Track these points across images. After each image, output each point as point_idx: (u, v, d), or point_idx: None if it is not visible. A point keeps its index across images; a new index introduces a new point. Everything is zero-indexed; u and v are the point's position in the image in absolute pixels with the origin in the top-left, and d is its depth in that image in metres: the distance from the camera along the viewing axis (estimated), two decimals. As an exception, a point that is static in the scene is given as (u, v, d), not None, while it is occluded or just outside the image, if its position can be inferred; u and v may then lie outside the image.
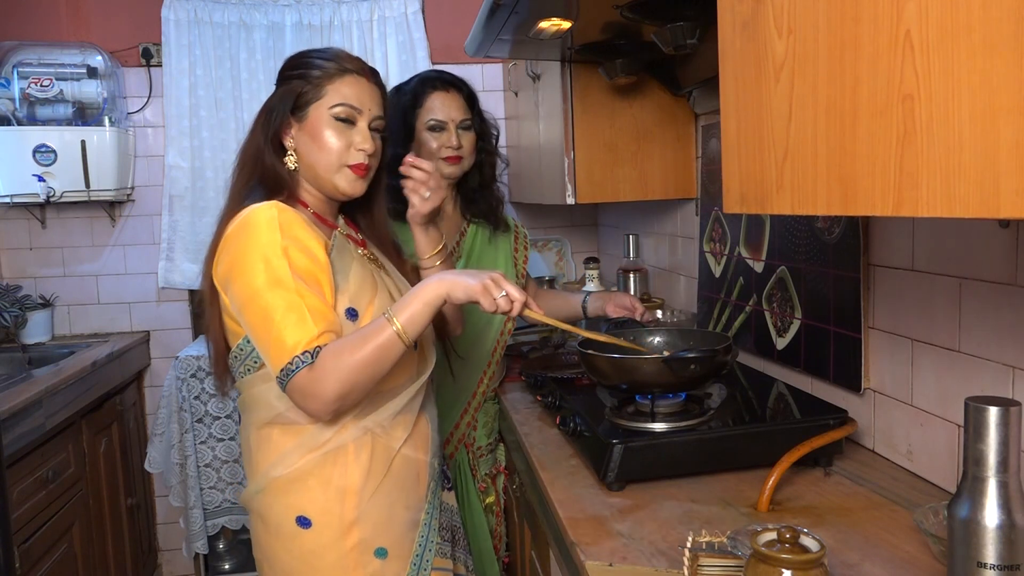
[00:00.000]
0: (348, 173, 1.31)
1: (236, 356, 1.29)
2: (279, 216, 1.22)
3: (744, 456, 1.33)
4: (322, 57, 1.33)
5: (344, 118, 1.29)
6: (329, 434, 1.27)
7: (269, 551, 1.31)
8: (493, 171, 1.95)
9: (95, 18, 2.97)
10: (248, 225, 1.22)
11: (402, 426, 1.33)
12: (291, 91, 1.31)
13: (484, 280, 1.19)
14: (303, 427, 1.27)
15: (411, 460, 1.35)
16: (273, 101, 1.33)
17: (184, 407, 2.74)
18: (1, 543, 1.60)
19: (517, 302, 1.20)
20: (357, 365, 1.15)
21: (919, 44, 0.64)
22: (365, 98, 1.32)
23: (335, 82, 1.30)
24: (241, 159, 1.36)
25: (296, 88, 1.30)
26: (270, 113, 1.32)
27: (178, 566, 3.12)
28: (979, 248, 1.13)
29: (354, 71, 1.32)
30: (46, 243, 3.02)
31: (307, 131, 1.30)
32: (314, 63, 1.32)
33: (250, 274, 1.19)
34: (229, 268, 1.22)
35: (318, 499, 1.27)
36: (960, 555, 0.84)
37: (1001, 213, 0.58)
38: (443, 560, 1.40)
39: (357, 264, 1.32)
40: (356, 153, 1.30)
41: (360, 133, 1.31)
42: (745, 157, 0.93)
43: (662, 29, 1.51)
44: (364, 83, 1.33)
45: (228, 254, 1.23)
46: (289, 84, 1.32)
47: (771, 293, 1.72)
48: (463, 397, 1.88)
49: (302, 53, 1.37)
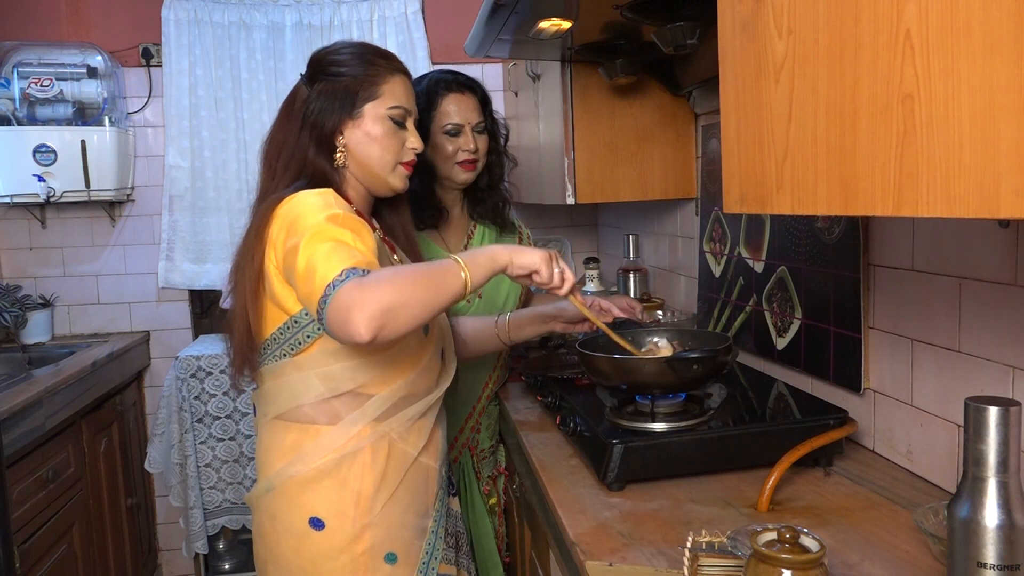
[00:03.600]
0: (401, 171, 1.37)
1: (275, 339, 1.28)
2: (333, 194, 1.24)
3: (744, 456, 1.33)
4: (368, 53, 1.34)
5: (398, 119, 1.35)
6: (347, 436, 1.27)
7: (276, 551, 1.31)
8: (502, 172, 1.95)
9: (95, 18, 2.97)
10: (303, 197, 1.22)
11: (419, 434, 1.34)
12: (345, 89, 1.31)
13: (545, 255, 1.22)
14: (320, 427, 1.28)
15: (424, 467, 1.36)
16: (318, 98, 1.32)
17: (184, 407, 2.74)
18: (1, 543, 1.60)
19: (568, 282, 1.26)
20: (413, 279, 1.08)
21: (919, 44, 0.64)
22: (411, 99, 1.38)
23: (388, 82, 1.34)
24: (280, 157, 1.34)
25: (350, 86, 1.31)
26: (319, 111, 1.31)
27: (178, 566, 3.12)
28: (979, 248, 1.13)
29: (400, 71, 1.37)
30: (46, 243, 3.02)
31: (363, 129, 1.32)
32: (366, 60, 1.33)
33: (311, 218, 1.17)
34: (285, 226, 1.20)
35: (333, 501, 1.27)
36: (960, 555, 0.84)
37: (1001, 213, 0.58)
38: (448, 567, 1.40)
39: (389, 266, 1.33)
40: (408, 151, 1.37)
41: (412, 133, 1.37)
42: (745, 157, 0.93)
43: (662, 29, 1.51)
44: (407, 82, 1.38)
45: (283, 219, 1.21)
46: (338, 81, 1.31)
47: (771, 293, 1.72)
48: (469, 401, 1.88)
49: (339, 48, 1.36)
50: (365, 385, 1.28)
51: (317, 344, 1.26)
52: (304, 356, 1.26)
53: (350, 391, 1.27)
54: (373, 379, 1.28)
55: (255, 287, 1.26)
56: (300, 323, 1.25)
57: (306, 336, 1.25)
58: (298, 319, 1.25)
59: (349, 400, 1.28)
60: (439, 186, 1.86)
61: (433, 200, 1.86)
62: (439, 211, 1.86)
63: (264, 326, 1.28)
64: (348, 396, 1.27)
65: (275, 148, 1.35)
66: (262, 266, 1.25)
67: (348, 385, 1.27)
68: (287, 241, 1.18)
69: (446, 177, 1.84)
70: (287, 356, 1.27)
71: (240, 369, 1.31)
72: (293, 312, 1.24)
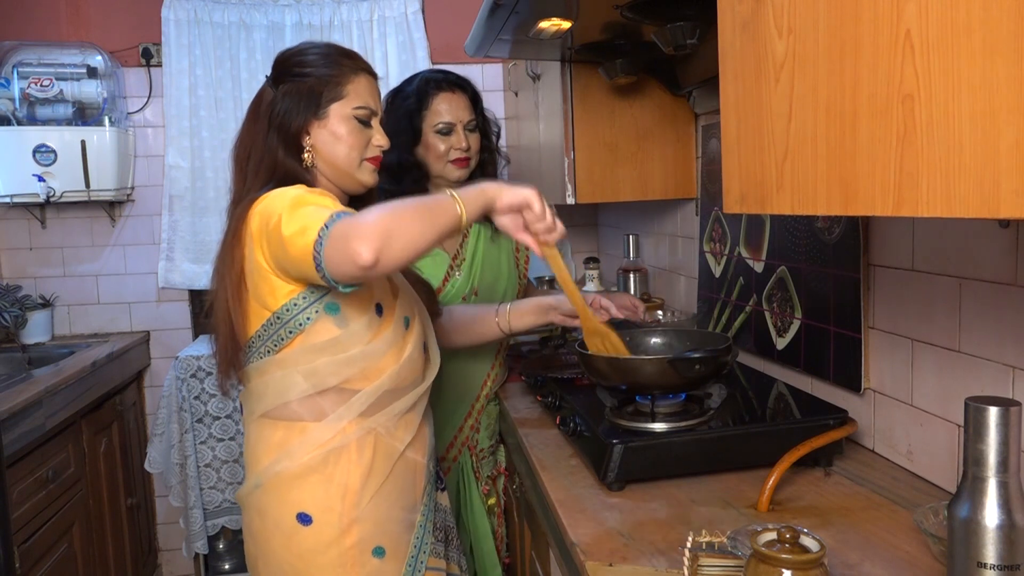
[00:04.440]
0: (368, 166, 1.38)
1: (259, 336, 1.28)
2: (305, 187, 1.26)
3: (744, 456, 1.33)
4: (332, 54, 1.35)
5: (363, 119, 1.36)
6: (333, 432, 1.27)
7: (266, 547, 1.31)
8: (495, 169, 1.95)
9: (95, 18, 2.97)
10: (275, 193, 1.24)
11: (406, 428, 1.35)
12: (309, 90, 1.32)
13: (535, 190, 1.22)
14: (307, 424, 1.28)
15: (411, 462, 1.36)
16: (284, 99, 1.33)
17: (184, 407, 2.74)
18: (1, 543, 1.60)
19: (558, 230, 1.26)
20: (408, 209, 1.10)
21: (919, 44, 0.64)
22: (376, 98, 1.39)
23: (353, 82, 1.34)
24: (250, 159, 1.35)
25: (315, 87, 1.32)
26: (285, 112, 1.32)
27: (178, 566, 3.12)
28: (979, 248, 1.13)
29: (364, 70, 1.37)
30: (46, 243, 3.02)
31: (328, 129, 1.33)
32: (331, 61, 1.34)
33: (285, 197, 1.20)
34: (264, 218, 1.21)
35: (320, 496, 1.27)
36: (960, 555, 0.84)
37: (1001, 213, 0.58)
38: (437, 560, 1.41)
39: None
40: (373, 148, 1.38)
41: (378, 131, 1.38)
42: (745, 157, 0.93)
43: (662, 29, 1.51)
44: (372, 82, 1.39)
45: (261, 215, 1.23)
46: (303, 82, 1.32)
47: (771, 293, 1.72)
48: (467, 399, 1.88)
49: (304, 49, 1.37)
50: (349, 380, 1.28)
51: (298, 340, 1.27)
52: (286, 352, 1.27)
53: (335, 387, 1.28)
54: (357, 374, 1.28)
55: (237, 289, 1.27)
56: (282, 319, 1.26)
57: (288, 332, 1.26)
58: (280, 315, 1.25)
59: (334, 396, 1.28)
60: (432, 185, 1.87)
61: None
62: None
63: (248, 325, 1.29)
64: (333, 392, 1.28)
65: (244, 151, 1.36)
66: (242, 267, 1.26)
67: (332, 381, 1.27)
68: (268, 224, 1.20)
69: (439, 176, 1.85)
70: (270, 353, 1.28)
71: (226, 372, 1.32)
72: (275, 308, 1.25)
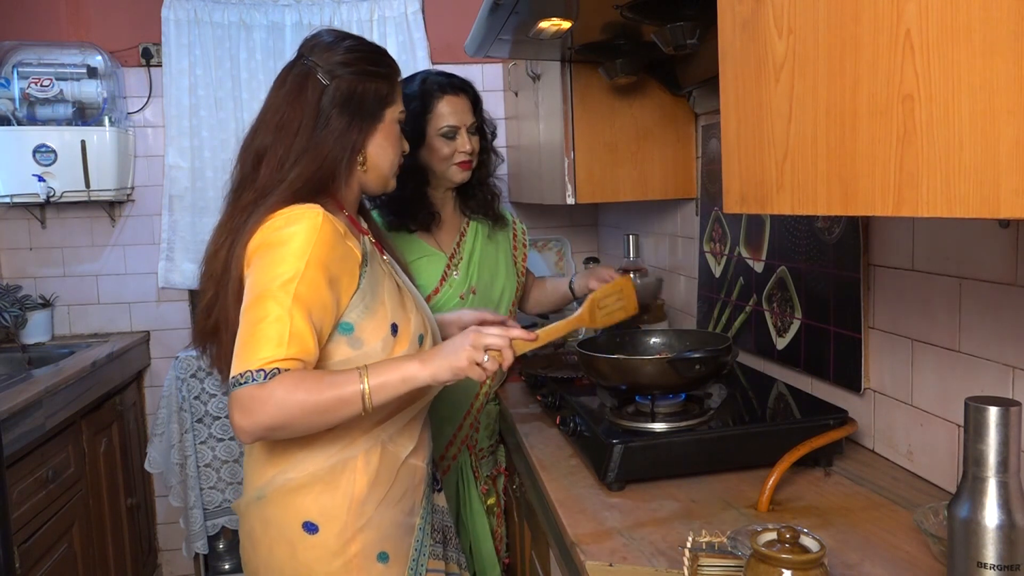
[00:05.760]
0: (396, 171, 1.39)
1: None
2: (321, 229, 1.18)
3: (744, 456, 1.33)
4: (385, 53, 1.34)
5: (402, 123, 1.36)
6: (341, 444, 1.26)
7: (269, 556, 1.30)
8: (491, 167, 1.96)
9: (95, 18, 2.97)
10: (292, 221, 1.18)
11: (409, 436, 1.35)
12: (375, 93, 1.29)
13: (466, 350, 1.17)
14: (315, 435, 1.26)
15: (412, 468, 1.36)
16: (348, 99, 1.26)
17: (184, 407, 2.74)
18: (1, 543, 1.60)
19: (505, 350, 1.19)
20: (306, 406, 1.11)
21: (919, 44, 0.64)
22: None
23: (396, 85, 1.34)
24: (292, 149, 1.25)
25: (380, 90, 1.30)
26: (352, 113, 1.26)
27: (178, 566, 3.12)
28: (979, 248, 1.13)
29: (399, 73, 1.37)
30: (46, 243, 3.02)
31: (383, 134, 1.32)
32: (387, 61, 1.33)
33: (270, 267, 1.16)
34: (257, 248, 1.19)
35: (325, 505, 1.27)
36: (960, 555, 0.84)
37: (1001, 213, 0.58)
38: (436, 561, 1.41)
39: (388, 280, 1.32)
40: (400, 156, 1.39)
41: (404, 137, 1.39)
42: (745, 157, 0.93)
43: (662, 29, 1.51)
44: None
45: (264, 237, 1.19)
46: (372, 83, 1.28)
47: (771, 293, 1.72)
48: (466, 399, 1.88)
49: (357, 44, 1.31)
50: None
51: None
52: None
53: None
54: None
55: (237, 296, 1.22)
56: None
57: None
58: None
59: None
60: (430, 187, 1.87)
61: (426, 202, 1.86)
62: (432, 213, 1.87)
63: None
64: None
65: (287, 139, 1.25)
66: (241, 273, 1.23)
67: None
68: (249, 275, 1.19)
69: (441, 177, 1.85)
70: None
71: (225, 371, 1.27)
72: None
